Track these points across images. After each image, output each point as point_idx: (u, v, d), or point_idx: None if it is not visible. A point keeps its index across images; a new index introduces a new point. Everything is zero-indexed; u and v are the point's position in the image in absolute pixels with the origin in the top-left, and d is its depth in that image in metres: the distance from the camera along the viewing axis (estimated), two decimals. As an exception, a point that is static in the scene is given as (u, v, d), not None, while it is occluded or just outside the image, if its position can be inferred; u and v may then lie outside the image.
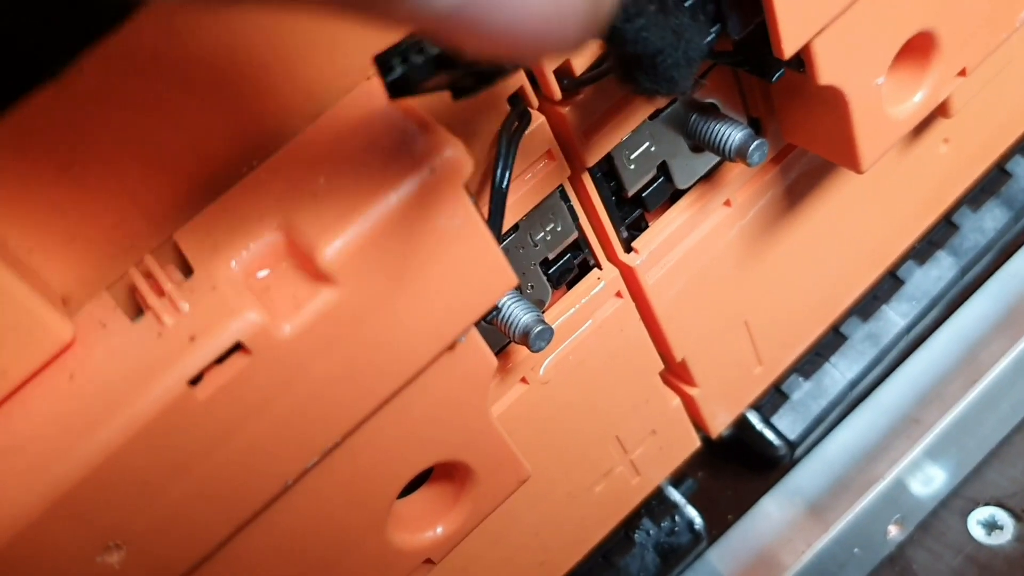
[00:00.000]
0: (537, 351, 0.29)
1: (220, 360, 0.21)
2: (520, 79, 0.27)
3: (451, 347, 0.25)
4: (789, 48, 0.27)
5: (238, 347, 0.21)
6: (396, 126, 0.23)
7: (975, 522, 0.41)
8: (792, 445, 0.41)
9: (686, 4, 0.25)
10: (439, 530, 0.28)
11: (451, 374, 0.26)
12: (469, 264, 0.24)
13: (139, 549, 0.22)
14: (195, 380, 0.21)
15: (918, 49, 0.31)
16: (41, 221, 0.23)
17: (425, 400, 0.25)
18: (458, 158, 0.22)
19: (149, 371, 0.21)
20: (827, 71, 0.29)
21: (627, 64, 0.23)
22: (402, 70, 0.19)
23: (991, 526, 0.40)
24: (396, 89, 0.20)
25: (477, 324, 0.26)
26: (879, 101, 0.31)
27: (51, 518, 0.21)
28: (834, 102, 0.30)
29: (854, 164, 0.32)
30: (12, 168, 0.22)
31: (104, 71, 0.21)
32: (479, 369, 0.26)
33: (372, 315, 0.23)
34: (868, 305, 0.43)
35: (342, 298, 0.22)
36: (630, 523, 0.41)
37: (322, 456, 0.24)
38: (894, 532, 0.41)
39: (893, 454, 0.42)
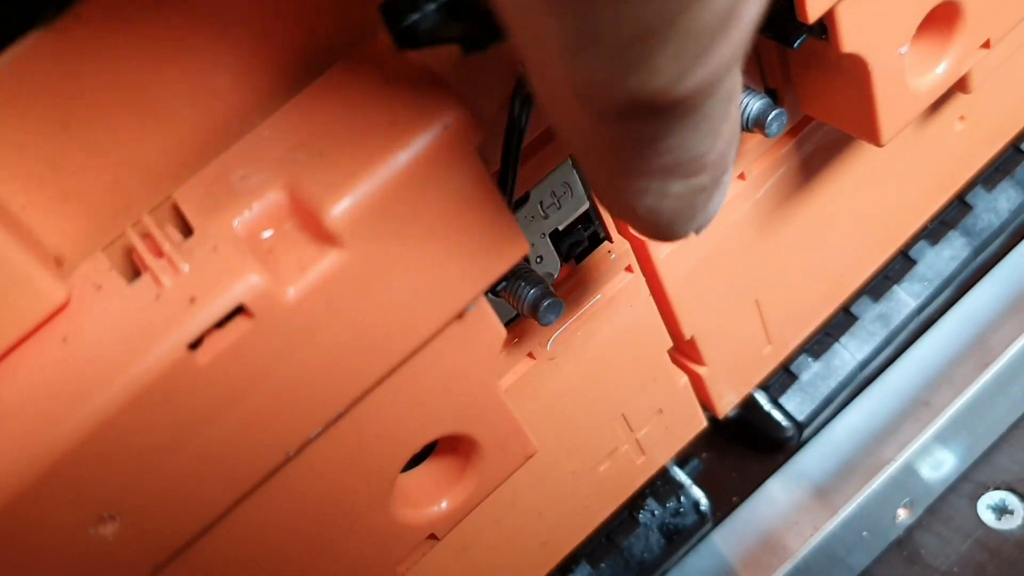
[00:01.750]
0: (546, 324, 0.28)
1: (221, 324, 0.20)
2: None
3: (460, 316, 0.24)
4: (814, 12, 0.26)
5: (240, 310, 0.20)
6: (406, 82, 0.22)
7: (985, 506, 0.40)
8: (800, 426, 0.40)
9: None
10: (443, 505, 0.27)
11: (459, 344, 0.25)
12: (480, 229, 0.23)
13: (134, 521, 0.22)
14: (195, 344, 0.20)
15: (942, 19, 0.30)
16: (35, 178, 0.22)
17: (432, 370, 0.25)
18: (471, 117, 0.21)
19: (146, 334, 0.20)
20: (850, 38, 0.28)
21: None
22: (412, 18, 0.18)
23: (1001, 510, 0.40)
24: (405, 39, 0.19)
25: (485, 296, 0.25)
26: (902, 71, 0.30)
27: (42, 488, 0.20)
28: (855, 72, 0.29)
29: (874, 137, 0.31)
30: (6, 122, 0.21)
31: (103, 16, 0.20)
32: (488, 339, 0.25)
33: (380, 279, 0.22)
34: (879, 285, 0.42)
35: (349, 261, 0.21)
36: (634, 503, 0.40)
37: (325, 427, 0.23)
38: (903, 516, 0.40)
39: (902, 437, 0.41)
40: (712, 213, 0.21)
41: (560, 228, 0.31)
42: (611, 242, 0.32)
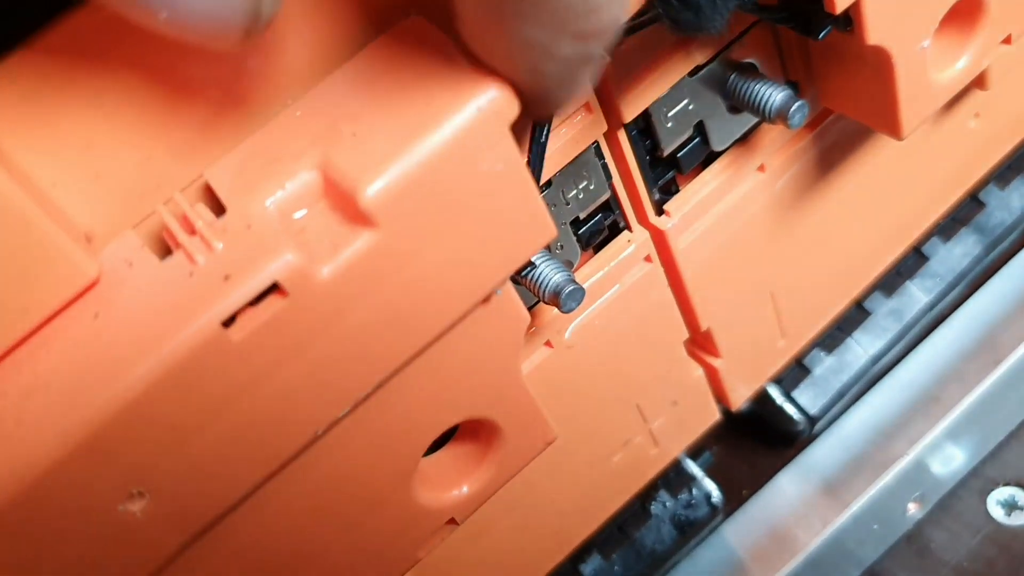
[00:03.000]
0: (568, 311, 0.28)
1: (255, 302, 0.20)
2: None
3: (486, 299, 0.24)
4: (841, 2, 0.26)
5: (274, 288, 0.20)
6: (440, 62, 0.22)
7: (994, 502, 0.40)
8: (812, 420, 0.41)
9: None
10: (464, 489, 0.27)
11: (485, 327, 0.25)
12: (511, 211, 0.23)
13: (163, 497, 0.22)
14: (228, 321, 0.20)
15: (965, 13, 0.31)
16: (66, 154, 0.22)
17: (458, 353, 0.25)
18: (505, 97, 0.21)
19: (180, 311, 0.20)
20: (875, 30, 0.28)
21: None
22: None
23: (1011, 506, 0.40)
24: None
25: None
26: (923, 65, 0.30)
27: (71, 463, 0.20)
28: (878, 64, 0.29)
29: (894, 130, 0.31)
30: (38, 99, 0.21)
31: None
32: (513, 323, 0.26)
33: (411, 261, 0.22)
34: (892, 280, 0.42)
35: (382, 241, 0.21)
36: (647, 494, 0.40)
37: (353, 406, 0.23)
38: (913, 510, 0.40)
39: (912, 433, 0.41)
40: (583, 89, 0.21)
41: (581, 216, 0.31)
42: (631, 231, 0.32)
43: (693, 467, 0.41)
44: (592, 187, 0.30)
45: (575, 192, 0.30)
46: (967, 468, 0.41)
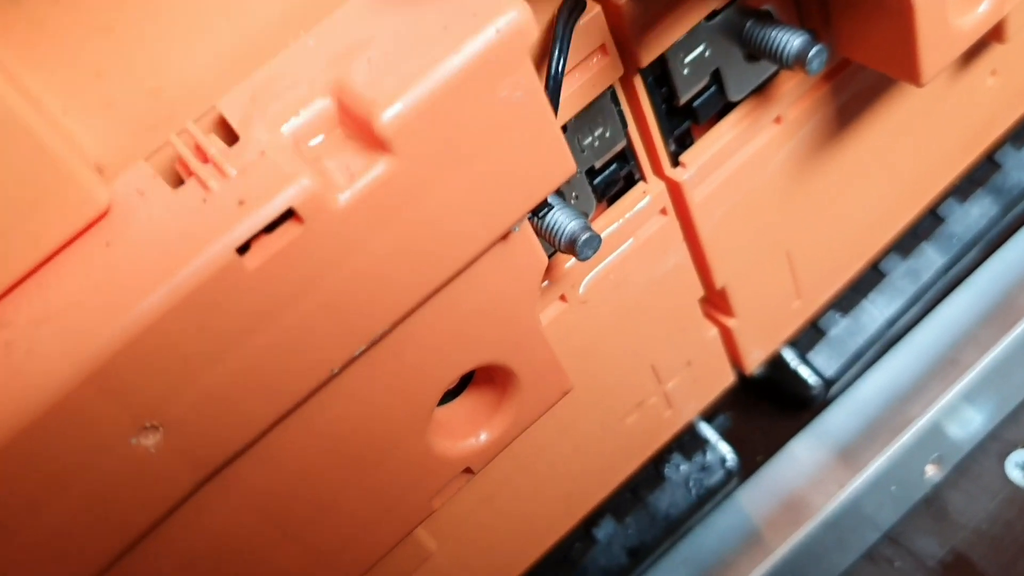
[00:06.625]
0: (584, 259, 0.28)
1: (270, 228, 0.20)
2: (578, -38, 0.25)
3: (504, 237, 0.24)
4: (863, -63, 0.26)
5: (290, 214, 0.20)
6: (458, -12, 0.21)
7: (1012, 464, 0.40)
8: (828, 383, 0.40)
9: None
10: (481, 437, 0.27)
11: (503, 266, 0.24)
12: (530, 142, 0.22)
13: (177, 432, 0.21)
14: (243, 248, 0.20)
15: (985, -44, 0.30)
16: (77, 83, 0.21)
17: (475, 293, 0.24)
18: (525, 19, 0.21)
19: (193, 238, 0.20)
20: (896, -30, 0.27)
21: None
22: None
23: (1029, 469, 0.39)
24: None
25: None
26: (944, 9, 0.29)
27: (84, 393, 0.20)
28: (898, 8, 0.29)
29: (914, 76, 0.31)
30: (51, 26, 0.21)
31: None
32: (530, 264, 0.25)
33: (429, 190, 0.21)
34: (908, 242, 0.42)
35: (399, 167, 0.21)
36: (661, 458, 0.40)
37: (370, 344, 0.23)
38: (931, 472, 0.40)
39: (929, 395, 0.41)
40: None
41: (596, 165, 0.30)
42: (646, 183, 0.32)
43: (708, 431, 0.40)
44: (608, 135, 0.30)
45: (590, 140, 0.30)
46: (985, 431, 0.40)
